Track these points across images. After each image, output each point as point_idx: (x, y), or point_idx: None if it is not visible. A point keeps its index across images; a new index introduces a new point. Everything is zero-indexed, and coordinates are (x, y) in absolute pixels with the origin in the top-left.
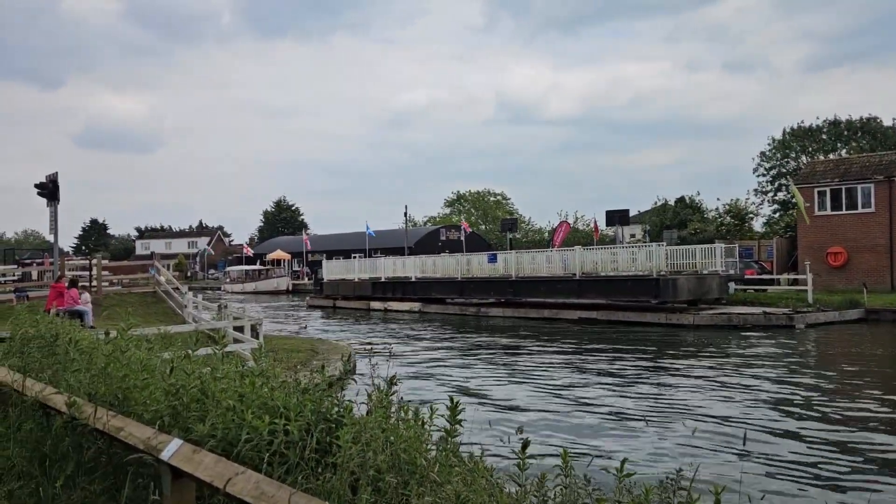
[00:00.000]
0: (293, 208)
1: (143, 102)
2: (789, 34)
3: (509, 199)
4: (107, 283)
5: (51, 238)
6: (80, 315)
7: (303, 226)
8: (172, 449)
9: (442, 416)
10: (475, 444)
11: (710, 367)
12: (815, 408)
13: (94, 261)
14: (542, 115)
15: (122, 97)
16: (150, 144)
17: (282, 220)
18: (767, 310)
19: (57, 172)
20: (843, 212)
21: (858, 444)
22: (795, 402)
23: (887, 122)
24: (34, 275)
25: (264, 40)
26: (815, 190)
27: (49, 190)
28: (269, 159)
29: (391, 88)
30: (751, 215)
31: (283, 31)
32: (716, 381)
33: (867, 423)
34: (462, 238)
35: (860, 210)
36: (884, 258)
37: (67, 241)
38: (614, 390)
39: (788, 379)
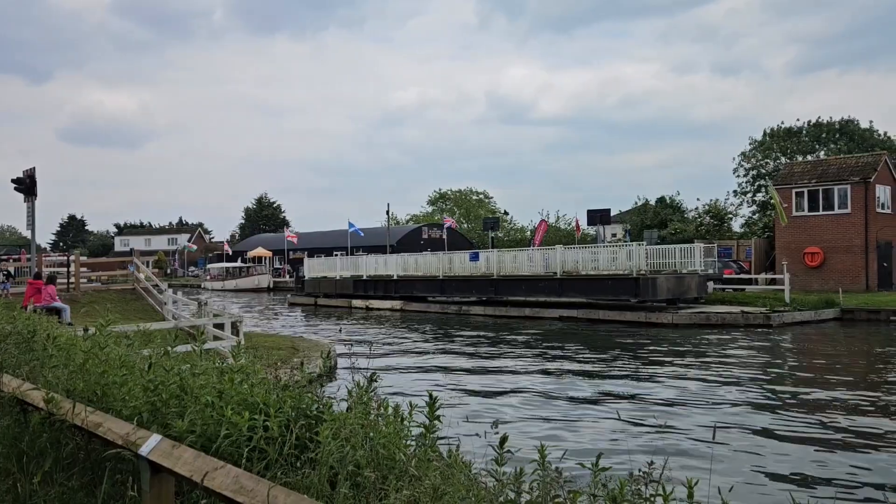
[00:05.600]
0: (275, 205)
1: (132, 98)
2: (779, 36)
3: (492, 197)
4: (85, 280)
5: (28, 234)
6: (57, 312)
7: (284, 223)
8: (152, 444)
9: (421, 411)
10: (453, 437)
11: (688, 365)
12: (787, 403)
13: (73, 257)
14: (534, 115)
15: (111, 92)
16: (138, 140)
17: (263, 217)
18: (745, 309)
19: (34, 168)
20: (821, 213)
21: (827, 438)
22: (770, 397)
23: (864, 125)
24: (11, 271)
25: (257, 37)
26: (794, 191)
27: (26, 185)
28: (256, 156)
29: (384, 86)
30: (730, 216)
31: (275, 28)
32: (693, 379)
33: (837, 417)
34: (444, 236)
35: (837, 211)
36: (859, 259)
37: (45, 237)
38: (592, 387)
39: (764, 376)
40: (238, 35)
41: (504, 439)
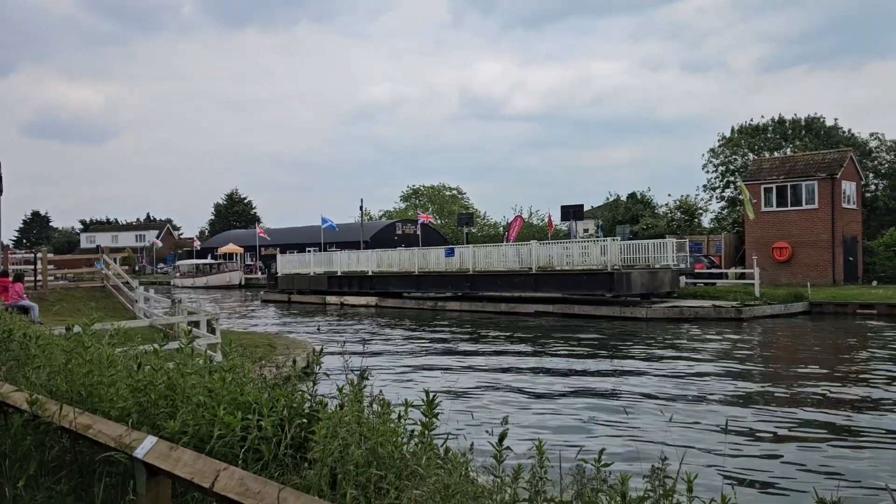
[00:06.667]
0: (246, 201)
1: (98, 92)
2: (747, 35)
3: (465, 193)
4: (52, 278)
5: None
6: (25, 310)
7: (255, 219)
8: (148, 446)
9: (417, 408)
10: (448, 434)
11: (667, 358)
12: (774, 395)
13: (40, 255)
14: (506, 112)
15: (76, 86)
16: (104, 135)
17: (234, 213)
18: (717, 303)
19: (0, 163)
20: (789, 208)
21: (821, 430)
22: (756, 390)
23: (829, 122)
24: None
25: (227, 31)
26: (762, 187)
27: None
28: (226, 152)
29: (356, 82)
30: (700, 211)
31: (246, 22)
32: (676, 372)
33: (822, 406)
34: (419, 232)
35: (804, 206)
36: (826, 253)
37: (8, 233)
38: (578, 382)
39: (744, 369)
40: (208, 29)
41: (503, 436)
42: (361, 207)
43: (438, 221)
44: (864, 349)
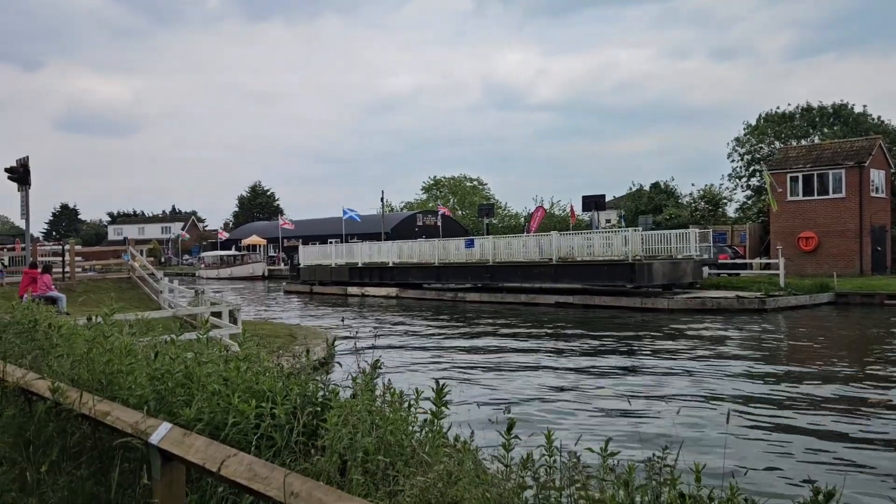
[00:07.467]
0: (269, 193)
1: (126, 86)
2: (775, 21)
3: (486, 184)
4: (80, 269)
5: (21, 223)
6: (53, 301)
7: (278, 211)
8: (162, 432)
9: (428, 398)
10: (461, 423)
11: (687, 350)
12: (791, 387)
13: (68, 246)
14: (528, 101)
15: (104, 80)
16: (131, 128)
17: (257, 205)
18: (740, 294)
19: (28, 156)
20: (815, 197)
21: (832, 420)
22: (772, 381)
23: (858, 109)
24: (6, 261)
25: (251, 23)
26: (788, 175)
27: (20, 174)
28: (249, 144)
29: (377, 73)
30: (724, 201)
31: (270, 14)
32: (693, 363)
33: (839, 399)
34: (439, 223)
35: (831, 195)
36: (853, 243)
37: (37, 226)
38: (596, 373)
39: (763, 360)
40: (232, 21)
41: (512, 425)
42: (382, 199)
43: (459, 213)
44: (890, 339)
